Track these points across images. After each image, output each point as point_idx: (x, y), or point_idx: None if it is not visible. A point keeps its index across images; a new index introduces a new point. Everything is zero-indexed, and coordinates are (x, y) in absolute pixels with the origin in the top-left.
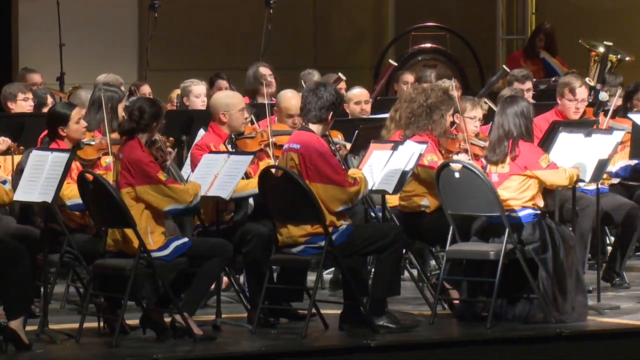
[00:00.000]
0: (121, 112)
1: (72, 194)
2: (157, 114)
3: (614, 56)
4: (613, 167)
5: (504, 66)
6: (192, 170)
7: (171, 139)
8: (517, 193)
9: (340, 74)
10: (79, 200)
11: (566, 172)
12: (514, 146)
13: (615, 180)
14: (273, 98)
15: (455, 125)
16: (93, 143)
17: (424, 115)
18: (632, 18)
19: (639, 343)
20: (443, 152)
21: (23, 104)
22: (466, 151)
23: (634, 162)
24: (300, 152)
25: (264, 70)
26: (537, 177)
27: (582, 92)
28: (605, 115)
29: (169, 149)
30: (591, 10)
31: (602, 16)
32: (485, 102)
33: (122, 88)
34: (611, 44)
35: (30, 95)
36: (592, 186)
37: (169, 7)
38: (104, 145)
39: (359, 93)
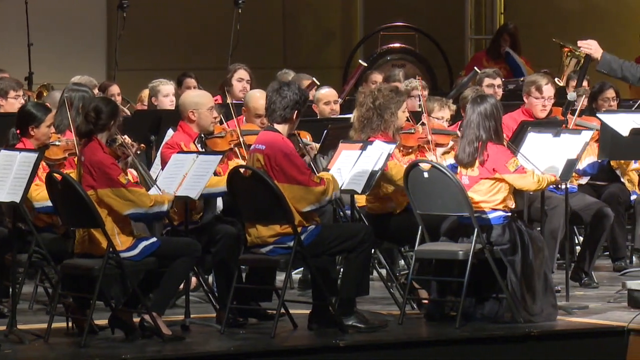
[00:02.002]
0: None
1: (40, 196)
2: (113, 112)
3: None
4: (580, 165)
5: (475, 68)
6: (162, 169)
7: (142, 145)
8: (488, 196)
9: (314, 79)
10: (48, 203)
11: (534, 176)
12: (483, 149)
13: (584, 180)
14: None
15: (421, 121)
16: (59, 144)
17: (375, 117)
18: (601, 18)
19: (607, 342)
20: (401, 148)
21: (13, 102)
22: (427, 143)
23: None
24: (266, 152)
25: (244, 74)
26: (505, 181)
27: (548, 90)
28: (573, 114)
29: (134, 143)
30: (560, 11)
31: (571, 16)
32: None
33: (96, 90)
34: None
35: (21, 93)
36: (561, 186)
37: (137, 7)
38: (70, 146)
39: (327, 93)
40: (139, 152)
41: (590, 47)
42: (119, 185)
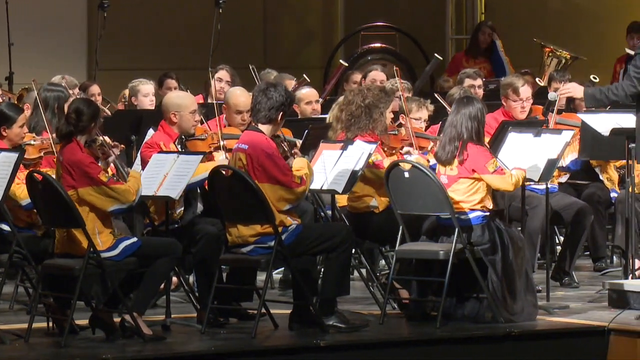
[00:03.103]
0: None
1: (24, 194)
2: (94, 114)
3: (568, 53)
4: (564, 162)
5: (436, 55)
6: (142, 169)
7: (122, 146)
8: (466, 196)
9: (305, 75)
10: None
11: (512, 177)
12: (463, 149)
13: (564, 179)
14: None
15: (398, 122)
16: (34, 143)
17: (364, 116)
18: (582, 18)
19: (588, 342)
20: (386, 149)
21: None
22: (411, 145)
23: None
24: (248, 152)
25: (223, 74)
26: (483, 181)
27: (525, 91)
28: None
29: (115, 143)
30: (540, 10)
31: (552, 16)
32: (434, 103)
33: (76, 90)
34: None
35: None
36: (542, 185)
37: (118, 6)
38: (45, 145)
39: (309, 93)
40: (118, 153)
41: (570, 90)
42: (100, 184)
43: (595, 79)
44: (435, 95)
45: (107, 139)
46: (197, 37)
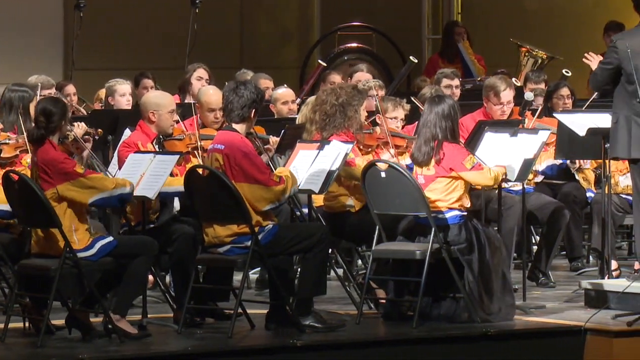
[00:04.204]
0: (33, 112)
1: (1, 198)
2: (64, 111)
3: (544, 53)
4: (540, 166)
5: (411, 57)
6: (119, 169)
7: (99, 130)
8: (444, 195)
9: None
10: (6, 207)
11: (491, 172)
12: (439, 149)
13: (539, 178)
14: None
15: (373, 118)
16: (9, 142)
17: (338, 115)
18: (558, 17)
19: (564, 342)
20: (362, 147)
21: None
22: (387, 144)
23: (559, 161)
24: (225, 152)
25: (203, 73)
26: (462, 178)
27: (506, 95)
28: (533, 114)
29: (87, 136)
30: (517, 10)
31: (529, 15)
32: (410, 102)
33: (53, 90)
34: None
35: None
36: (518, 186)
37: (94, 6)
38: (20, 144)
39: (285, 93)
40: (96, 137)
41: (591, 60)
42: (77, 176)
43: (568, 73)
44: (412, 98)
45: (82, 125)
46: (173, 37)
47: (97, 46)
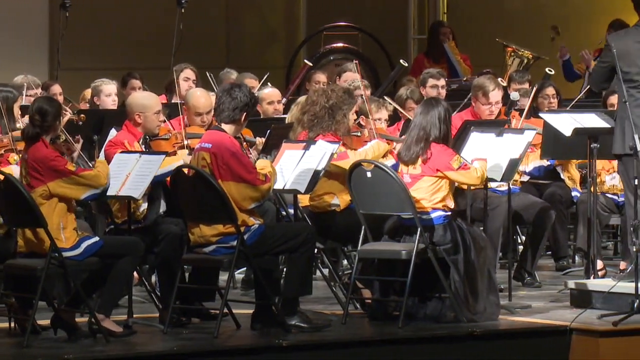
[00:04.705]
0: (17, 112)
1: None
2: (58, 111)
3: (530, 53)
4: (527, 167)
5: (401, 61)
6: None
7: (82, 115)
8: (429, 195)
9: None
10: None
11: (477, 171)
12: (426, 148)
13: (525, 178)
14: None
15: (358, 121)
16: None
17: (327, 117)
18: (543, 17)
19: (550, 342)
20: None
21: None
22: None
23: (547, 163)
24: (212, 151)
25: (190, 74)
26: (449, 178)
27: (495, 95)
28: (520, 115)
29: (77, 136)
30: (503, 10)
31: (514, 15)
32: (390, 104)
33: (39, 89)
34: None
35: None
36: (504, 186)
37: (80, 6)
38: (5, 143)
39: (271, 93)
40: (80, 122)
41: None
42: (70, 174)
43: (551, 71)
44: (387, 99)
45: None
46: (159, 37)
47: (82, 46)
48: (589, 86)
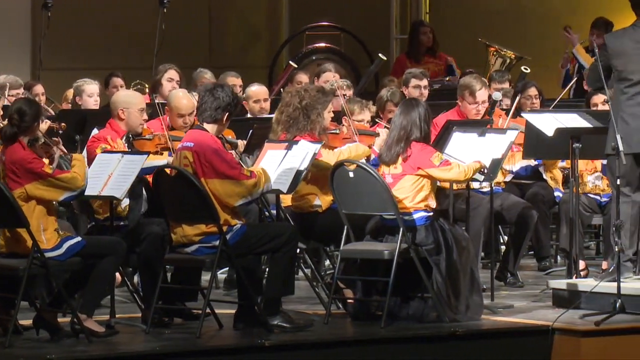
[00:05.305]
0: None
1: None
2: (37, 113)
3: (512, 53)
4: (514, 167)
5: (380, 55)
6: (88, 165)
7: (63, 124)
8: (411, 194)
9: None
10: None
11: (459, 166)
12: (407, 147)
13: (508, 178)
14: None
15: (340, 122)
16: None
17: (302, 117)
18: (526, 17)
19: (532, 342)
20: (327, 149)
21: None
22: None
23: (534, 162)
24: (194, 149)
25: (174, 74)
26: (430, 176)
27: (482, 95)
28: (507, 113)
29: (55, 139)
30: (485, 10)
31: (497, 16)
32: (374, 104)
33: (21, 90)
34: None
35: None
36: (486, 187)
37: (62, 6)
38: None
39: (258, 91)
40: (60, 131)
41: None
42: (47, 176)
43: (527, 69)
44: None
45: (46, 123)
46: (141, 37)
47: (65, 46)
48: (571, 85)
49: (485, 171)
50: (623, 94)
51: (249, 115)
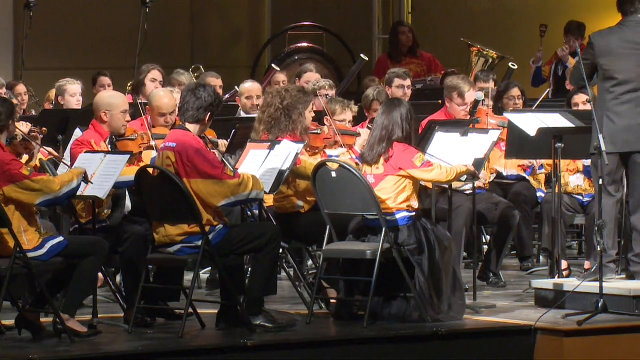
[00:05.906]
0: None
1: None
2: (10, 111)
3: (495, 53)
4: (505, 171)
5: (362, 55)
6: (71, 167)
7: (44, 129)
8: (393, 194)
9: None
10: None
11: (442, 167)
12: (389, 147)
13: (492, 177)
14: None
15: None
16: None
17: (283, 118)
18: (510, 17)
19: (515, 341)
20: (308, 149)
21: None
22: (336, 144)
23: (526, 175)
24: (177, 149)
25: (157, 75)
26: (412, 177)
27: (471, 96)
28: (494, 111)
29: (34, 129)
30: (468, 10)
31: (480, 15)
32: (358, 103)
33: (3, 90)
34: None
35: None
36: (468, 187)
37: (45, 6)
38: None
39: (250, 87)
40: (42, 135)
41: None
42: (23, 179)
43: (514, 65)
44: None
45: (26, 126)
46: (124, 37)
47: (47, 46)
48: (552, 86)
49: (475, 177)
50: (609, 93)
51: (241, 111)
